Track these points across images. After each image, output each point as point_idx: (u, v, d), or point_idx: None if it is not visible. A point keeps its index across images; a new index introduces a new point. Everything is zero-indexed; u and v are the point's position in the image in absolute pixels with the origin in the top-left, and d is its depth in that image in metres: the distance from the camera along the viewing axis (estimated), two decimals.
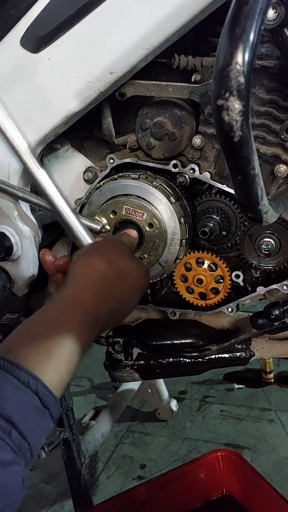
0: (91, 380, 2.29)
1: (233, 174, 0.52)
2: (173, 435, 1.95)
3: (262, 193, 0.57)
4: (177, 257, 0.94)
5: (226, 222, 0.96)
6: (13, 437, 0.52)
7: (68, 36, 0.81)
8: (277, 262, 0.96)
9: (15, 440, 0.52)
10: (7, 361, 0.56)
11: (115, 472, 1.80)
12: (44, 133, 0.90)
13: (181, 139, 0.93)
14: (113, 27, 0.78)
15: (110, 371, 1.11)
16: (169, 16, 0.75)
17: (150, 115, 0.93)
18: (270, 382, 2.18)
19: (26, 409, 0.54)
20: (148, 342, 1.06)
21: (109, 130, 0.98)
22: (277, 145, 0.89)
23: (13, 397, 0.53)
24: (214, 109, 0.46)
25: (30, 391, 0.54)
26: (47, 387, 0.56)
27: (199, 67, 0.91)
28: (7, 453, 0.51)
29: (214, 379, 2.22)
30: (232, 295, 1.01)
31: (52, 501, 1.70)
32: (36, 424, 0.55)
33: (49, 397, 0.56)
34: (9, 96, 0.88)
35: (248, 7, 0.44)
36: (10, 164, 0.93)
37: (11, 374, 0.55)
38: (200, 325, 1.07)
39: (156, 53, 0.83)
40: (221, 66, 0.44)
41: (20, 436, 0.52)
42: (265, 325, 0.96)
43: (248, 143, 0.48)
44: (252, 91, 0.86)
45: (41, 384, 0.55)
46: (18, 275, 1.02)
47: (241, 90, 0.44)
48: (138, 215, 0.91)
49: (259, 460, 1.78)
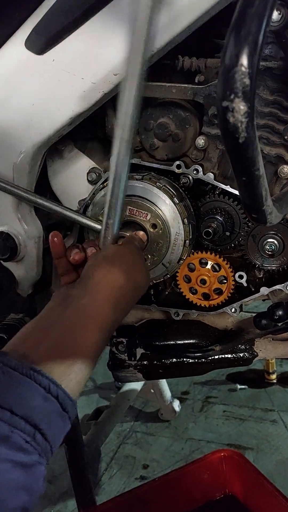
0: (94, 380, 2.29)
1: (238, 175, 0.52)
2: (175, 435, 1.95)
3: (267, 194, 0.57)
4: (180, 257, 0.95)
5: (230, 222, 0.96)
6: (37, 440, 0.55)
7: (73, 38, 0.81)
8: (281, 262, 0.96)
9: (39, 443, 0.56)
10: (29, 367, 0.58)
11: (118, 472, 1.81)
12: (48, 134, 0.91)
13: (185, 140, 0.93)
14: (117, 29, 0.79)
15: (114, 371, 1.11)
16: (173, 18, 0.76)
17: (153, 116, 0.93)
18: (273, 383, 2.18)
19: (48, 414, 0.57)
20: (151, 342, 1.07)
21: (113, 131, 0.99)
22: (280, 146, 0.89)
23: (36, 403, 0.57)
24: (219, 111, 0.46)
25: (51, 397, 0.58)
26: (67, 392, 0.59)
27: (203, 68, 0.91)
28: (32, 455, 0.55)
29: (216, 380, 2.22)
30: (236, 296, 1.01)
31: (56, 500, 1.70)
32: (56, 426, 0.58)
33: (68, 401, 0.59)
34: (13, 97, 0.89)
35: (254, 9, 0.45)
36: (15, 165, 0.94)
37: (34, 381, 0.57)
38: (203, 325, 1.07)
39: (160, 55, 0.83)
40: (227, 67, 0.44)
41: (43, 438, 0.56)
42: (268, 325, 0.96)
43: (253, 144, 0.48)
44: (256, 92, 0.86)
45: (61, 390, 0.59)
46: (23, 276, 1.03)
47: (246, 91, 0.44)
48: (141, 216, 0.92)
49: (262, 460, 1.78)
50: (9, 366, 0.57)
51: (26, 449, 0.54)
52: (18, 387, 0.56)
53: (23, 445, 0.54)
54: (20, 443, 0.54)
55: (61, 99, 0.86)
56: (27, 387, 0.57)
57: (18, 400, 0.55)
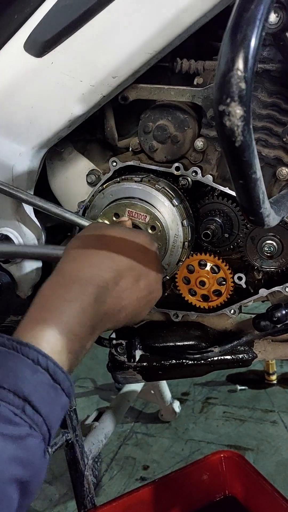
0: (94, 381, 2.29)
1: (235, 178, 0.53)
2: (176, 436, 1.95)
3: (264, 197, 0.57)
4: (179, 259, 0.95)
5: (228, 224, 0.96)
6: (27, 412, 0.54)
7: (72, 41, 0.81)
8: (280, 264, 0.96)
9: (29, 415, 0.54)
10: (15, 341, 0.58)
11: (118, 473, 1.81)
12: (47, 136, 0.91)
13: (184, 142, 0.93)
14: (115, 32, 0.79)
15: (113, 373, 1.11)
16: (171, 20, 0.76)
17: (152, 118, 0.93)
18: (273, 384, 2.18)
19: (38, 385, 0.56)
20: (150, 344, 1.07)
21: (112, 133, 0.99)
22: (279, 148, 0.89)
23: (24, 375, 0.56)
24: (215, 115, 0.46)
25: (40, 368, 0.57)
26: (57, 364, 0.58)
27: (201, 70, 0.91)
28: (22, 427, 0.54)
29: (216, 381, 2.22)
30: (235, 297, 1.01)
31: (56, 501, 1.70)
32: (48, 398, 0.57)
33: (59, 372, 0.58)
34: (13, 99, 0.89)
35: (249, 13, 0.45)
36: (14, 167, 0.94)
37: (20, 353, 0.57)
38: (202, 327, 1.07)
39: (159, 57, 0.84)
40: (222, 72, 0.44)
41: (33, 411, 0.55)
42: (267, 327, 0.96)
43: (250, 147, 0.48)
44: (254, 94, 0.87)
45: (51, 361, 0.58)
46: (22, 278, 1.03)
47: (242, 95, 0.44)
48: (140, 218, 0.92)
49: (262, 461, 1.78)
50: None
51: (15, 421, 0.53)
52: (5, 361, 0.56)
53: (12, 417, 0.53)
54: (9, 416, 0.53)
55: (60, 102, 0.87)
56: (14, 360, 0.56)
57: (6, 373, 0.55)
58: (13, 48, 0.87)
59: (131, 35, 0.78)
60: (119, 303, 0.72)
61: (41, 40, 0.84)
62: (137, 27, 0.78)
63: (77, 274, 0.69)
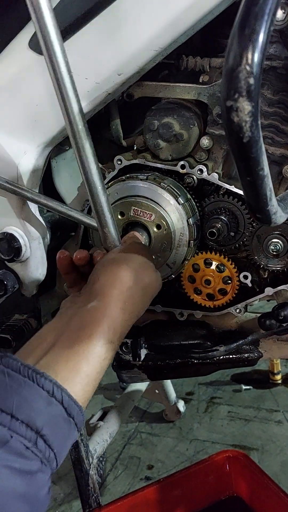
0: None
1: (242, 175, 0.52)
2: (180, 436, 1.95)
3: (271, 194, 0.57)
4: (185, 258, 0.94)
5: (234, 223, 0.96)
6: (39, 447, 0.53)
7: (76, 38, 0.81)
8: (285, 263, 0.96)
9: (42, 450, 0.53)
10: (32, 369, 0.56)
11: (122, 472, 1.80)
12: (52, 134, 0.91)
13: (189, 140, 0.93)
14: (121, 29, 0.78)
15: (118, 372, 1.11)
16: (177, 17, 0.76)
17: (157, 116, 0.93)
18: (278, 383, 2.17)
19: (51, 419, 0.54)
20: (155, 343, 1.06)
21: (117, 131, 0.99)
22: (285, 146, 0.89)
23: (39, 406, 0.54)
24: (223, 110, 0.46)
25: (55, 401, 0.55)
26: (72, 397, 0.56)
27: (207, 68, 0.91)
28: (33, 462, 0.52)
29: (221, 380, 2.21)
30: (240, 296, 1.01)
31: (60, 501, 1.70)
32: (61, 433, 0.55)
33: (74, 406, 0.56)
34: (17, 97, 0.89)
35: (258, 7, 0.44)
36: (19, 165, 0.94)
37: (36, 383, 0.55)
38: (207, 326, 1.07)
39: (164, 55, 0.83)
40: (231, 67, 0.44)
41: (46, 445, 0.53)
42: (273, 326, 0.96)
43: (258, 144, 0.48)
44: (261, 92, 0.86)
45: (66, 394, 0.56)
46: (27, 276, 1.03)
47: (250, 91, 0.44)
48: (146, 216, 0.91)
49: (267, 461, 1.77)
50: (11, 368, 0.55)
51: (26, 455, 0.51)
52: (20, 390, 0.54)
53: (23, 451, 0.51)
54: (20, 449, 0.51)
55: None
56: (29, 390, 0.54)
57: (20, 403, 0.53)
58: (18, 46, 0.87)
59: (137, 32, 0.78)
60: (133, 320, 0.73)
61: None
62: (142, 24, 0.77)
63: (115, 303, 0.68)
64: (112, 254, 0.76)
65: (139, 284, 0.71)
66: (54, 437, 0.54)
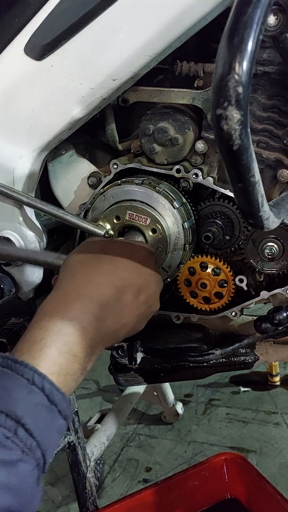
0: (97, 383, 2.29)
1: (233, 182, 0.52)
2: (178, 438, 1.95)
3: (263, 200, 0.57)
4: (180, 261, 0.95)
5: (229, 226, 0.96)
6: (19, 436, 0.51)
7: (71, 44, 0.81)
8: (281, 266, 0.96)
9: (22, 439, 0.52)
10: (10, 359, 0.55)
11: (120, 475, 1.81)
12: (48, 139, 0.91)
13: (184, 144, 0.93)
14: (115, 35, 0.79)
15: (115, 375, 1.11)
16: (170, 23, 0.76)
17: (153, 120, 0.93)
18: (276, 385, 2.17)
19: (32, 407, 0.53)
20: (152, 346, 1.07)
21: (113, 135, 0.99)
22: (280, 150, 0.89)
23: (19, 395, 0.53)
24: (213, 119, 0.46)
25: (36, 389, 0.54)
26: (54, 384, 0.55)
27: (201, 73, 0.91)
28: (14, 452, 0.51)
29: (219, 382, 2.22)
30: (236, 299, 1.01)
31: (58, 503, 1.70)
32: (43, 421, 0.54)
33: (56, 393, 0.55)
34: (13, 102, 0.90)
35: (247, 16, 0.45)
36: (15, 169, 0.94)
37: (15, 372, 0.54)
38: (204, 329, 1.07)
39: (159, 60, 0.84)
40: (220, 76, 0.44)
41: (27, 434, 0.52)
42: (268, 329, 0.96)
43: (248, 151, 0.48)
44: (254, 97, 0.87)
45: (47, 381, 0.55)
46: (23, 280, 1.03)
47: (239, 99, 0.44)
48: (141, 221, 0.92)
49: (265, 463, 1.78)
50: None
51: (6, 445, 0.50)
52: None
53: (3, 441, 0.50)
54: (0, 439, 0.50)
55: (60, 105, 0.87)
56: (8, 379, 0.53)
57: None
58: (13, 52, 0.87)
59: (131, 38, 0.78)
60: (120, 321, 0.70)
61: (41, 43, 0.84)
62: (136, 29, 0.77)
63: (77, 291, 0.66)
64: (81, 245, 0.76)
65: (123, 289, 0.70)
66: (35, 425, 0.52)
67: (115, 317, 0.69)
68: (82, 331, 0.62)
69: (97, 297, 0.66)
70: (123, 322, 0.70)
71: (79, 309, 0.64)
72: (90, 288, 0.67)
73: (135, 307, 0.72)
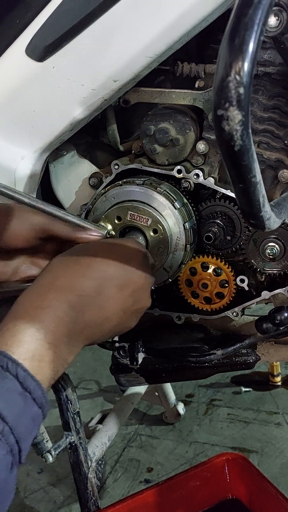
0: (98, 383, 2.29)
1: (235, 182, 0.53)
2: (180, 438, 1.95)
3: (264, 200, 0.57)
4: (181, 262, 0.95)
5: (231, 227, 0.96)
6: None
7: (73, 45, 0.82)
8: (282, 266, 0.96)
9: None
10: None
11: (122, 475, 1.81)
12: (49, 140, 0.91)
13: (185, 145, 0.93)
14: (116, 36, 0.79)
15: (116, 376, 1.12)
16: (172, 24, 0.76)
17: (154, 121, 0.93)
18: (278, 385, 2.17)
19: (5, 393, 0.53)
20: (153, 346, 1.07)
21: (114, 136, 0.99)
22: (281, 150, 0.89)
23: None
24: (214, 119, 0.46)
25: (9, 375, 0.54)
26: (28, 372, 0.55)
27: (202, 74, 0.91)
28: None
29: (221, 382, 2.22)
30: (237, 300, 1.01)
31: (60, 504, 1.70)
32: (16, 407, 0.53)
33: (31, 381, 0.55)
34: (15, 104, 0.90)
35: (247, 18, 0.45)
36: (16, 170, 0.94)
37: None
38: (205, 329, 1.07)
39: (160, 61, 0.84)
40: (221, 77, 0.44)
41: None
42: (270, 329, 0.96)
43: (249, 151, 0.48)
44: (256, 97, 0.87)
45: (21, 368, 0.55)
46: None
47: (240, 100, 0.44)
48: (142, 221, 0.92)
49: (266, 463, 1.78)
50: None
51: None
52: None
53: None
54: None
55: (61, 106, 0.87)
56: None
57: None
58: (15, 53, 0.88)
59: (132, 39, 0.79)
60: (103, 314, 0.68)
61: (42, 45, 0.84)
62: (137, 31, 0.78)
63: (52, 282, 0.66)
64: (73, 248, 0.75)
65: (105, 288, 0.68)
66: (8, 411, 0.52)
67: (96, 309, 0.67)
68: (55, 319, 0.61)
69: (73, 288, 0.65)
70: (106, 316, 0.69)
71: (53, 298, 0.63)
72: (66, 279, 0.66)
73: (120, 301, 0.70)
